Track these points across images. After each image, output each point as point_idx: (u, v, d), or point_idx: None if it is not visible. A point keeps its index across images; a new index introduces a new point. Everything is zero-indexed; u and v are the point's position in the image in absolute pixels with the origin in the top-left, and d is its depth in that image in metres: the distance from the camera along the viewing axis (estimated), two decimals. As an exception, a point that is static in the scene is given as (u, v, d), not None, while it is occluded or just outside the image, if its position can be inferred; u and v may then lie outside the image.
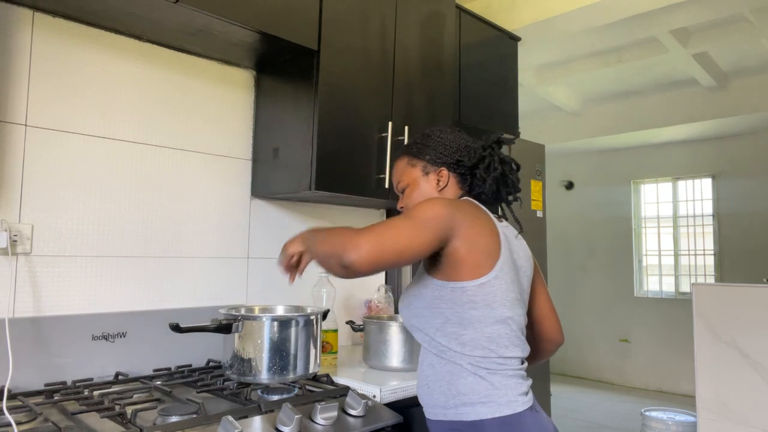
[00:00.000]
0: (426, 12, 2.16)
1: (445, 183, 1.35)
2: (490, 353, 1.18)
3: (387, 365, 1.74)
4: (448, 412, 1.19)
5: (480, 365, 1.18)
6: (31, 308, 1.48)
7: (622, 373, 6.33)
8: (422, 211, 1.16)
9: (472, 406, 1.16)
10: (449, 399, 1.19)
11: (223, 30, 1.64)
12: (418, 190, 1.37)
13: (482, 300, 1.19)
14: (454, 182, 1.36)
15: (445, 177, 1.35)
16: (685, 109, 5.27)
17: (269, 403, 1.33)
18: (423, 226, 1.14)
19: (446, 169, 1.35)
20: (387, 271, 2.46)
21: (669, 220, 6.38)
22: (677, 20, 3.44)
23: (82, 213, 1.59)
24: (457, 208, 1.20)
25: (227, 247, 1.92)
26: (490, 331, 1.19)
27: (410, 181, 1.39)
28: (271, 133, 1.93)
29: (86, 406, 1.26)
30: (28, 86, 1.50)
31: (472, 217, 1.22)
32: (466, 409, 1.16)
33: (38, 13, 1.52)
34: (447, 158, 1.35)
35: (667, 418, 3.49)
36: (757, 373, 1.97)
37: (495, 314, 1.20)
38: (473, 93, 2.53)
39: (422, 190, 1.36)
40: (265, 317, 1.45)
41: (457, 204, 1.22)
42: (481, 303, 1.19)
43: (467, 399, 1.16)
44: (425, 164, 1.37)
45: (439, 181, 1.35)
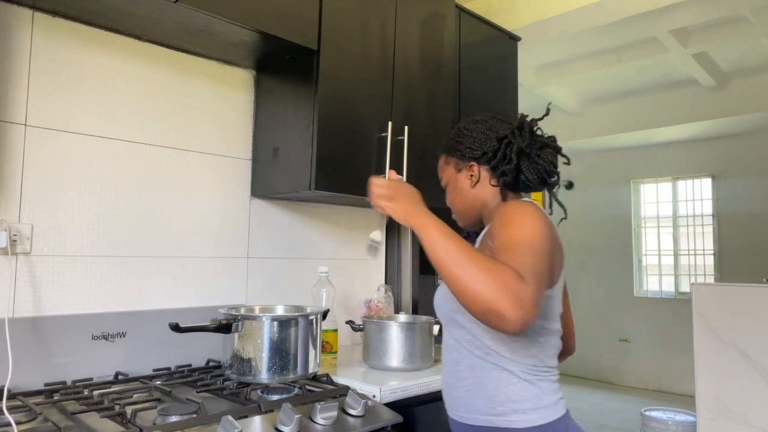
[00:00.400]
0: (426, 12, 2.16)
1: (477, 178, 1.30)
2: (538, 362, 1.17)
3: (387, 365, 1.74)
4: (495, 419, 1.15)
5: (530, 372, 1.16)
6: (31, 308, 1.48)
7: (621, 372, 6.33)
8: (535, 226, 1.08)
9: (524, 413, 1.13)
10: (496, 405, 1.15)
11: (223, 30, 1.64)
12: (456, 188, 1.34)
13: (542, 312, 1.16)
14: (487, 176, 1.29)
15: (476, 172, 1.30)
16: (685, 109, 5.27)
17: (269, 403, 1.33)
18: (548, 254, 1.07)
19: (476, 164, 1.30)
20: (387, 271, 2.46)
21: (669, 220, 6.38)
22: (677, 20, 3.44)
23: (81, 213, 1.59)
24: (547, 220, 1.14)
25: (227, 247, 1.92)
26: (541, 341, 1.18)
27: (448, 179, 1.36)
28: (270, 132, 1.93)
29: (86, 405, 1.27)
30: (28, 86, 1.50)
31: (555, 231, 1.18)
32: (517, 416, 1.13)
33: (38, 13, 1.52)
34: (475, 152, 1.29)
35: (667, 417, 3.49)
36: (757, 372, 1.97)
37: (547, 326, 1.19)
38: (473, 93, 2.53)
39: (459, 188, 1.33)
40: (264, 317, 1.45)
41: (543, 217, 1.14)
42: (540, 315, 1.15)
43: (518, 406, 1.14)
44: (457, 161, 1.33)
45: (472, 176, 1.30)
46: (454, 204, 1.37)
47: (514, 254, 1.02)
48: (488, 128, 1.30)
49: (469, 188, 1.31)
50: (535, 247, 1.04)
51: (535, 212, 1.12)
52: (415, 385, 1.62)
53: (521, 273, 0.97)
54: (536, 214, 1.12)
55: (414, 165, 2.03)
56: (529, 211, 1.12)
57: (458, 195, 1.34)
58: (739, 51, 4.42)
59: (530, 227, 1.07)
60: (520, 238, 1.05)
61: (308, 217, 2.17)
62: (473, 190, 1.31)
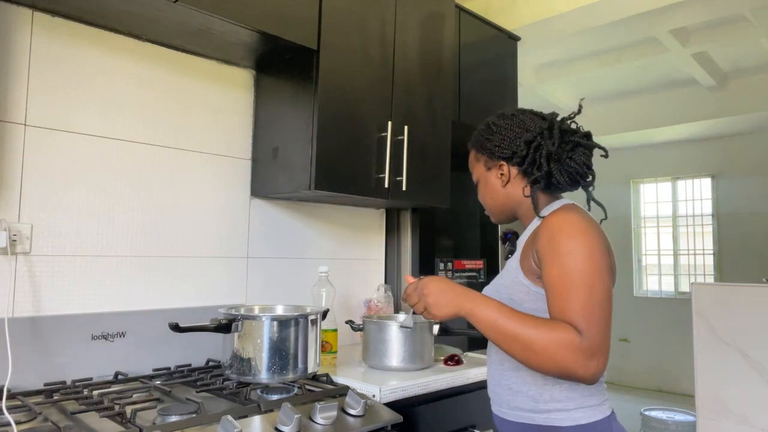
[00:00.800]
0: (426, 11, 2.16)
1: (507, 178, 1.26)
2: None
3: (386, 365, 1.74)
4: (537, 416, 1.15)
5: None
6: (31, 308, 1.48)
7: (621, 372, 6.33)
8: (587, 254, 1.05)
9: (567, 411, 1.13)
10: (540, 404, 1.14)
11: (223, 29, 1.64)
12: (488, 186, 1.31)
13: None
14: (517, 175, 1.25)
15: (506, 171, 1.26)
16: (685, 108, 5.27)
17: (269, 403, 1.33)
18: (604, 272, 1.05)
19: (506, 164, 1.26)
20: (386, 270, 2.46)
21: (668, 220, 6.39)
22: (677, 20, 3.44)
23: (81, 212, 1.59)
24: (596, 227, 1.12)
25: (227, 247, 1.92)
26: None
27: (479, 176, 1.33)
28: (270, 132, 1.93)
29: (86, 405, 1.27)
30: (28, 85, 1.50)
31: (603, 232, 1.14)
32: (560, 414, 1.13)
33: (37, 13, 1.52)
34: (504, 151, 1.24)
35: (667, 417, 3.49)
36: (757, 372, 1.97)
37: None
38: (473, 92, 2.53)
39: (490, 185, 1.30)
40: (264, 317, 1.45)
41: (591, 222, 1.12)
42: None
43: (562, 406, 1.13)
44: (486, 159, 1.29)
45: (502, 176, 1.27)
46: (485, 201, 1.34)
47: (569, 299, 1.02)
48: (518, 125, 1.25)
49: (500, 187, 1.28)
50: (588, 280, 1.03)
51: (582, 228, 1.09)
52: (414, 385, 1.62)
53: (579, 325, 0.99)
54: (583, 230, 1.08)
55: (414, 165, 2.03)
56: (576, 230, 1.08)
57: (489, 193, 1.31)
58: (738, 51, 4.42)
59: (581, 255, 1.05)
60: (572, 275, 1.03)
61: (308, 216, 2.17)
62: (504, 189, 1.27)
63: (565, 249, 1.06)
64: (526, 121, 1.24)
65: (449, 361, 1.86)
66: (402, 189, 1.99)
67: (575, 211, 1.14)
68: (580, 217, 1.11)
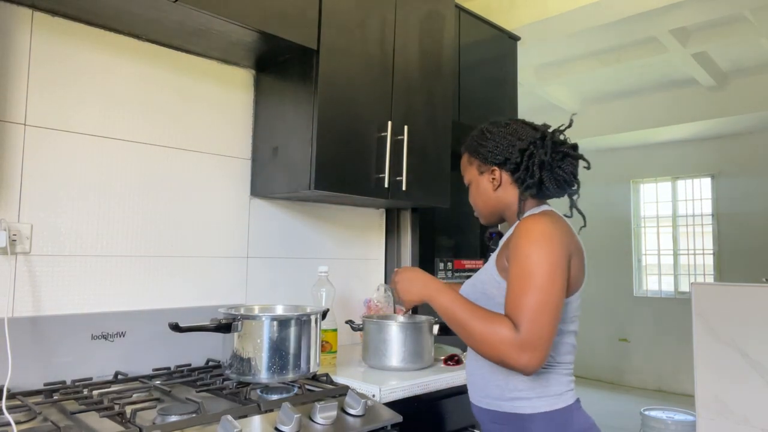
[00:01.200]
0: (425, 11, 2.16)
1: (499, 182, 1.34)
2: (550, 359, 1.24)
3: (386, 365, 1.74)
4: (504, 404, 1.24)
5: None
6: (31, 308, 1.48)
7: (621, 372, 6.34)
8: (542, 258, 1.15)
9: (528, 400, 1.22)
10: (505, 392, 1.24)
11: (223, 29, 1.64)
12: (479, 189, 1.38)
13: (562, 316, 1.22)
14: (508, 180, 1.33)
15: (498, 176, 1.34)
16: (685, 108, 5.28)
17: (268, 403, 1.33)
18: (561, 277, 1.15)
19: (498, 169, 1.33)
20: (386, 270, 2.46)
21: (668, 220, 6.39)
22: (676, 20, 3.45)
23: (81, 212, 1.59)
24: (559, 231, 1.19)
25: (227, 247, 1.92)
26: (557, 341, 1.23)
27: (471, 179, 1.41)
28: (270, 132, 1.93)
29: (85, 405, 1.26)
30: (27, 85, 1.50)
31: (571, 236, 1.23)
32: (522, 403, 1.22)
33: (37, 13, 1.52)
34: (497, 157, 1.32)
35: (667, 417, 3.49)
36: (756, 372, 1.97)
37: (563, 327, 1.25)
38: (473, 92, 2.53)
39: (481, 189, 1.38)
40: (264, 317, 1.45)
41: (556, 226, 1.20)
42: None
43: (524, 394, 1.22)
44: (479, 163, 1.37)
45: (494, 180, 1.34)
46: (476, 204, 1.41)
47: (517, 297, 1.14)
48: (511, 133, 1.32)
49: (491, 191, 1.36)
50: (538, 283, 1.13)
51: (545, 234, 1.17)
52: (414, 385, 1.62)
53: (518, 321, 1.11)
54: (546, 236, 1.17)
55: (413, 165, 2.03)
56: (539, 236, 1.17)
57: (480, 196, 1.38)
58: (738, 51, 4.43)
59: (537, 260, 1.14)
60: (525, 276, 1.14)
61: (308, 216, 2.17)
62: (495, 193, 1.35)
63: (526, 252, 1.16)
64: (519, 130, 1.33)
65: (449, 361, 1.86)
66: (402, 189, 1.99)
67: (546, 218, 1.22)
68: (549, 224, 1.19)
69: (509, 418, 1.23)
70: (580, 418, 1.23)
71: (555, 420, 1.20)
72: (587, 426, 1.23)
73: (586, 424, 1.23)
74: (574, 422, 1.22)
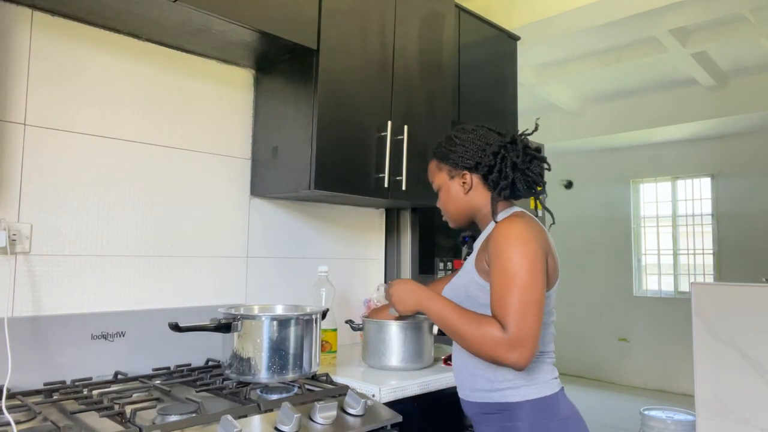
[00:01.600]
0: (425, 11, 2.16)
1: (470, 186, 1.39)
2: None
3: (386, 364, 1.74)
4: (493, 395, 1.30)
5: None
6: (30, 307, 1.48)
7: (621, 372, 6.34)
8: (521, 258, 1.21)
9: (517, 389, 1.28)
10: (494, 384, 1.30)
11: (222, 29, 1.63)
12: (449, 194, 1.43)
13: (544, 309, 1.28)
14: (479, 183, 1.39)
15: (468, 180, 1.39)
16: (685, 108, 5.28)
17: (268, 403, 1.33)
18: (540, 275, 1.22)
19: (469, 173, 1.39)
20: (386, 270, 2.46)
21: (668, 220, 6.39)
22: (676, 20, 3.45)
23: (80, 212, 1.59)
24: (534, 231, 1.26)
25: (226, 247, 1.92)
26: (542, 332, 1.28)
27: (440, 184, 1.45)
28: (270, 132, 1.93)
29: (85, 405, 1.27)
30: (27, 85, 1.50)
31: (544, 234, 1.29)
32: (512, 391, 1.28)
33: (37, 12, 1.52)
34: (467, 162, 1.38)
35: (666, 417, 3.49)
36: (756, 372, 1.97)
37: (546, 319, 1.32)
38: (472, 92, 2.53)
39: (452, 193, 1.43)
40: (264, 316, 1.45)
41: (530, 225, 1.27)
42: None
43: (513, 384, 1.28)
44: (449, 168, 1.42)
45: (464, 184, 1.40)
46: (446, 208, 1.46)
47: (502, 299, 1.21)
48: (479, 138, 1.38)
49: (462, 195, 1.41)
50: (521, 284, 1.20)
51: (523, 236, 1.23)
52: (414, 385, 1.62)
53: (504, 322, 1.18)
54: (524, 238, 1.23)
55: (413, 164, 2.03)
56: (518, 239, 1.23)
57: (451, 200, 1.43)
58: (738, 50, 4.42)
59: (518, 262, 1.21)
60: (508, 279, 1.21)
61: (308, 216, 2.17)
62: (466, 196, 1.40)
63: (506, 255, 1.23)
64: (486, 135, 1.39)
65: (449, 361, 1.86)
66: (402, 188, 1.99)
67: (521, 220, 1.28)
68: (525, 226, 1.26)
69: (499, 407, 1.29)
70: (566, 405, 1.31)
71: (542, 406, 1.27)
72: (572, 413, 1.30)
73: (571, 411, 1.30)
74: (560, 408, 1.29)
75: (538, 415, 1.26)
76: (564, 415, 1.28)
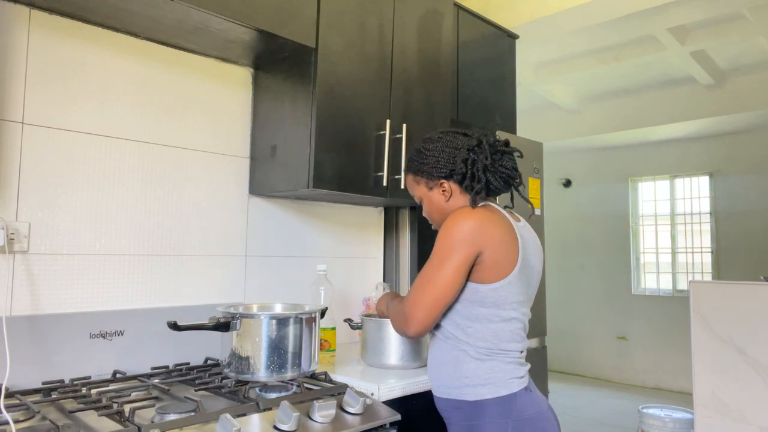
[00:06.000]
0: (424, 9, 2.16)
1: (450, 193, 1.41)
2: (492, 345, 1.31)
3: (385, 363, 1.74)
4: (453, 391, 1.33)
5: (482, 353, 1.30)
6: (29, 306, 1.48)
7: (619, 370, 6.35)
8: (448, 244, 1.27)
9: (474, 387, 1.29)
10: (454, 380, 1.32)
11: (221, 27, 1.63)
12: (432, 204, 1.45)
13: (492, 302, 1.29)
14: (457, 189, 1.40)
15: (447, 188, 1.41)
16: (683, 106, 5.28)
17: (267, 401, 1.33)
18: (453, 263, 1.26)
19: (446, 181, 1.40)
20: (385, 269, 2.46)
21: (666, 218, 6.39)
22: (675, 18, 3.45)
23: (79, 211, 1.59)
24: (476, 224, 1.28)
25: (225, 245, 1.92)
26: (494, 328, 1.31)
27: (421, 196, 1.47)
28: (269, 130, 1.93)
29: (84, 404, 1.26)
30: (25, 84, 1.50)
31: (495, 226, 1.29)
32: (468, 390, 1.30)
33: (35, 11, 1.52)
34: (441, 171, 1.39)
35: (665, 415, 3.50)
36: (755, 370, 1.98)
37: (502, 314, 1.31)
38: (471, 90, 2.53)
39: (434, 203, 1.44)
40: (263, 315, 1.45)
41: (479, 216, 1.29)
42: (491, 304, 1.30)
43: (470, 381, 1.30)
44: (426, 180, 1.43)
45: (444, 192, 1.41)
46: (433, 217, 1.47)
47: (415, 283, 1.31)
48: (446, 145, 1.40)
49: (444, 203, 1.42)
50: (429, 271, 1.28)
51: (458, 222, 1.28)
52: (413, 383, 1.63)
53: (407, 303, 1.30)
54: (456, 224, 1.28)
55: (412, 163, 2.03)
56: (451, 223, 1.29)
57: (435, 209, 1.45)
58: (736, 49, 4.43)
59: (440, 242, 1.29)
60: (427, 263, 1.31)
61: (306, 215, 2.17)
62: (448, 203, 1.42)
63: (437, 238, 1.31)
64: (453, 140, 1.40)
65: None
66: (400, 187, 1.99)
67: (466, 209, 1.31)
68: (461, 216, 1.29)
69: (459, 404, 1.32)
70: (526, 405, 1.29)
71: (499, 406, 1.27)
72: (533, 413, 1.29)
73: (531, 411, 1.29)
74: (519, 409, 1.28)
75: (495, 415, 1.27)
76: (522, 416, 1.27)
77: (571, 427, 4.55)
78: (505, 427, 1.26)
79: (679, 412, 3.51)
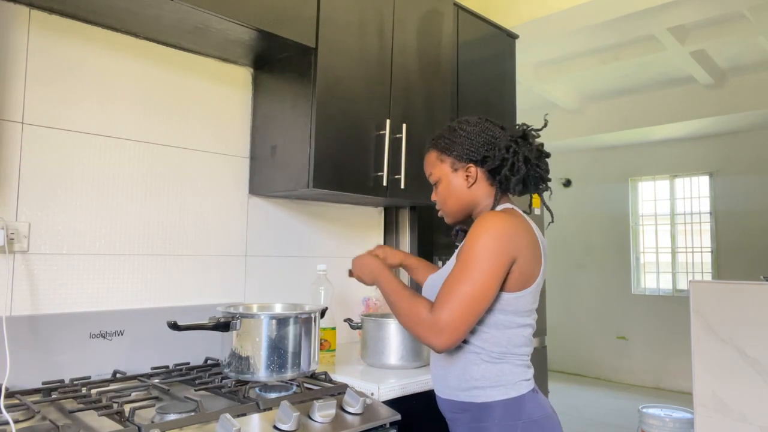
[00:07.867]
0: (424, 9, 2.16)
1: (474, 179, 1.35)
2: (505, 350, 1.28)
3: (385, 363, 1.74)
4: (461, 393, 1.30)
5: (494, 356, 1.28)
6: (29, 306, 1.48)
7: (619, 370, 6.35)
8: (483, 253, 1.20)
9: (483, 389, 1.27)
10: (462, 382, 1.29)
11: (221, 27, 1.63)
12: (450, 187, 1.38)
13: (512, 310, 1.27)
14: (483, 177, 1.35)
15: (473, 173, 1.35)
16: (683, 106, 5.28)
17: (267, 401, 1.33)
18: (493, 272, 1.20)
19: (474, 166, 1.35)
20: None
21: (666, 218, 6.39)
22: (675, 18, 3.45)
23: (79, 211, 1.59)
24: (513, 231, 1.23)
25: (225, 245, 1.92)
26: (510, 333, 1.28)
27: (441, 176, 1.39)
28: (268, 130, 1.93)
29: (84, 404, 1.26)
30: (25, 84, 1.50)
31: (526, 232, 1.26)
32: (477, 392, 1.28)
33: (34, 11, 1.52)
34: (474, 155, 1.34)
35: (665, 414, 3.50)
36: (754, 370, 1.98)
37: (518, 321, 1.29)
38: (471, 90, 2.53)
39: (453, 186, 1.37)
40: (263, 315, 1.45)
41: (514, 222, 1.24)
42: (510, 311, 1.27)
43: (479, 383, 1.27)
44: (453, 160, 1.36)
45: (468, 177, 1.35)
46: (446, 202, 1.41)
47: (446, 284, 1.22)
48: (484, 131, 1.35)
49: (465, 188, 1.37)
50: (466, 274, 1.20)
51: (497, 228, 1.22)
52: (413, 383, 1.63)
53: (435, 305, 1.21)
54: (494, 231, 1.21)
55: (412, 163, 2.03)
56: (483, 233, 1.22)
57: (452, 194, 1.38)
58: (736, 49, 4.43)
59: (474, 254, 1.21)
60: (460, 267, 1.22)
61: (306, 215, 2.17)
62: (469, 189, 1.36)
63: (471, 243, 1.22)
64: (492, 129, 1.36)
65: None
66: (400, 187, 1.99)
67: (502, 215, 1.26)
68: (501, 221, 1.23)
69: (466, 406, 1.29)
70: (534, 407, 1.27)
71: (508, 408, 1.25)
72: (541, 415, 1.27)
73: (539, 413, 1.27)
74: (528, 411, 1.26)
75: (504, 417, 1.25)
76: (531, 418, 1.26)
77: (571, 427, 4.55)
78: (515, 429, 1.24)
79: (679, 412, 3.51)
